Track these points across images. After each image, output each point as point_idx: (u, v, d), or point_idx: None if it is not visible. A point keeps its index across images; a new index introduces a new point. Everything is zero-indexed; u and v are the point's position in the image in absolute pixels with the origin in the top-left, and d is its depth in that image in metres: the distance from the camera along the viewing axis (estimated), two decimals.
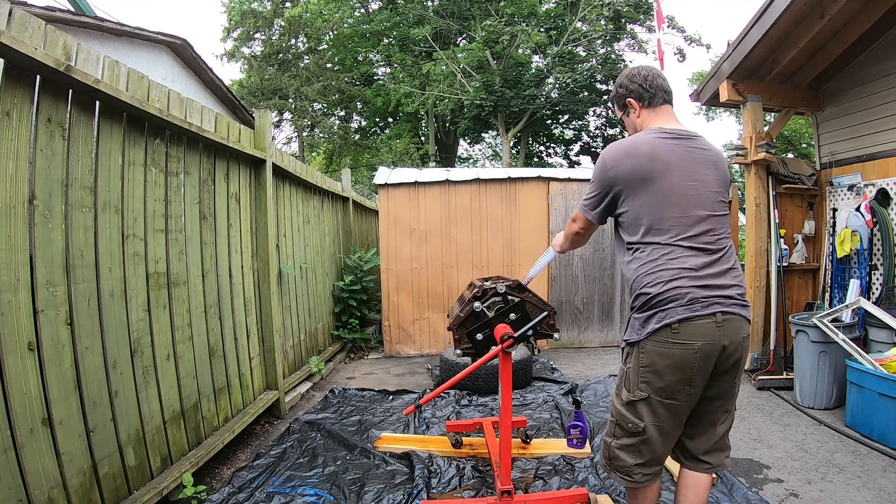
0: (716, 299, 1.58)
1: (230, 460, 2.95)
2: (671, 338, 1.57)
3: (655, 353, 1.60)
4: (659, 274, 1.61)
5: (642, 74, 1.83)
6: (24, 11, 1.64)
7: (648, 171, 1.66)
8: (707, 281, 1.59)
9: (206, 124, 2.80)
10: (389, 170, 6.15)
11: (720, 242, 1.66)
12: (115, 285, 2.12)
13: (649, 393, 1.63)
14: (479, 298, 2.37)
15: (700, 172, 1.69)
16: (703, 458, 1.75)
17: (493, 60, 15.31)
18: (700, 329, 1.56)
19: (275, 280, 3.70)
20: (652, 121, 1.82)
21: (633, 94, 1.84)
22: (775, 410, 3.67)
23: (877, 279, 4.11)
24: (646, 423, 1.65)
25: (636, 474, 1.69)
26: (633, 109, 1.85)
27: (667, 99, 1.83)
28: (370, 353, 5.90)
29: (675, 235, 1.63)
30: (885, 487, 2.50)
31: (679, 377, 1.59)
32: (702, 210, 1.65)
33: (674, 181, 1.65)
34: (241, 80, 17.84)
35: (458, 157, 21.44)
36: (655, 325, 1.59)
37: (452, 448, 2.95)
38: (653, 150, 1.68)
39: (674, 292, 1.57)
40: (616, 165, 1.70)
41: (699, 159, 1.71)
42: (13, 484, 1.59)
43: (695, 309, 1.56)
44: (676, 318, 1.56)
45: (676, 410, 1.65)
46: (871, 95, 4.23)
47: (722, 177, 1.75)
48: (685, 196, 1.64)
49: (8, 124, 1.63)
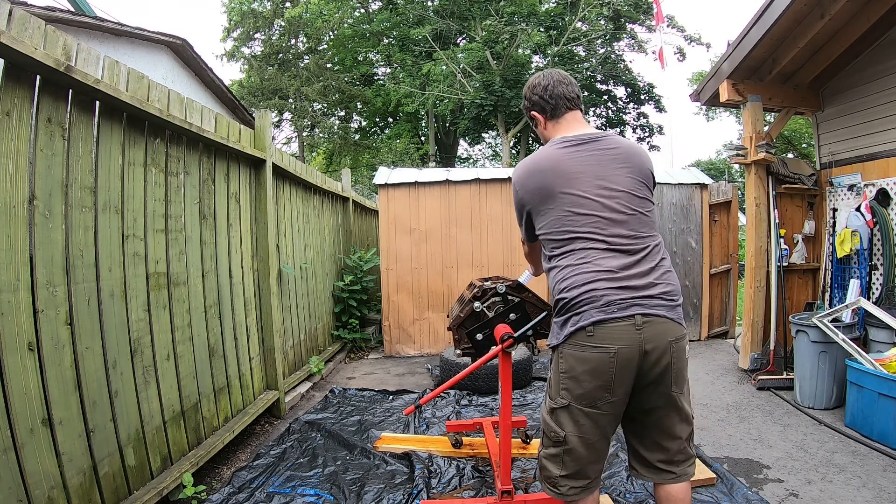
0: (635, 300, 1.51)
1: (230, 460, 2.95)
2: (586, 341, 1.52)
3: (572, 357, 1.55)
4: (575, 278, 1.56)
5: (542, 84, 1.78)
6: (24, 11, 1.64)
7: (552, 185, 1.63)
8: (626, 282, 1.52)
9: (206, 124, 2.80)
10: (389, 170, 6.16)
11: (641, 241, 1.60)
12: (115, 285, 2.12)
13: (569, 400, 1.57)
14: (479, 298, 2.37)
15: (609, 173, 1.63)
16: (666, 468, 1.65)
17: (493, 60, 15.31)
18: (616, 332, 1.49)
19: (275, 280, 3.70)
20: (556, 131, 1.78)
21: (536, 107, 1.80)
22: (775, 410, 3.67)
23: (877, 279, 4.11)
24: (566, 432, 1.58)
25: (562, 486, 1.62)
26: (539, 122, 1.82)
27: (570, 106, 1.77)
28: (370, 353, 5.90)
29: (590, 241, 1.58)
30: (885, 487, 2.50)
31: (597, 383, 1.52)
32: (615, 213, 1.60)
33: (579, 188, 1.61)
34: (241, 80, 17.83)
35: (458, 157, 21.44)
36: (570, 329, 1.55)
37: (452, 448, 2.95)
38: (553, 163, 1.65)
39: (589, 295, 1.52)
40: (523, 186, 1.71)
41: (607, 160, 1.65)
42: (13, 484, 1.59)
43: (610, 311, 1.50)
44: (591, 321, 1.50)
45: (598, 420, 1.56)
46: (870, 95, 4.23)
47: (637, 172, 1.67)
48: (594, 202, 1.60)
49: (8, 124, 1.63)
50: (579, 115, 1.79)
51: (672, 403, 1.60)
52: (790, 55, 4.14)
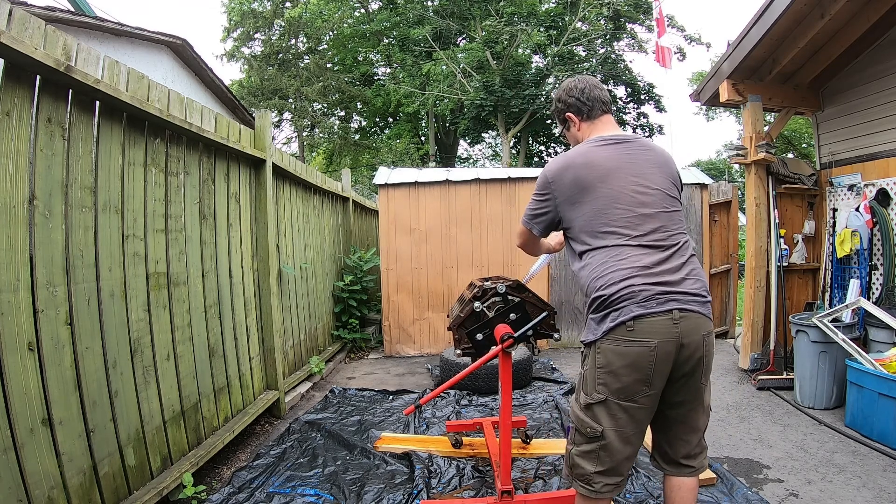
0: (672, 296, 1.55)
1: (230, 460, 2.95)
2: (627, 336, 1.55)
3: (611, 352, 1.57)
4: (611, 275, 1.59)
5: (579, 87, 1.85)
6: (24, 11, 1.64)
7: (588, 180, 1.67)
8: (662, 278, 1.56)
9: (206, 124, 2.80)
10: (389, 170, 6.16)
11: (672, 238, 1.65)
12: (115, 285, 2.12)
13: (606, 395, 1.59)
14: (479, 298, 2.37)
15: (643, 172, 1.69)
16: (685, 462, 1.71)
17: (493, 60, 15.31)
18: (656, 326, 1.53)
19: (275, 280, 3.70)
20: (591, 132, 1.84)
21: (572, 109, 1.86)
22: (775, 410, 3.67)
23: (877, 279, 4.11)
24: (604, 426, 1.60)
25: (597, 483, 1.63)
26: (573, 123, 1.88)
27: (605, 109, 1.85)
28: (370, 353, 5.90)
29: (624, 237, 1.62)
30: (885, 487, 2.50)
31: (636, 377, 1.56)
32: (649, 208, 1.65)
33: (615, 184, 1.65)
34: (241, 81, 17.83)
35: (458, 157, 21.43)
36: (610, 324, 1.57)
37: (452, 448, 2.95)
38: (590, 159, 1.70)
39: (627, 291, 1.55)
40: (558, 178, 1.72)
41: (641, 160, 1.71)
42: (13, 484, 1.59)
43: (650, 306, 1.53)
44: (631, 316, 1.53)
45: (636, 414, 1.59)
46: (871, 95, 4.23)
47: (668, 174, 1.74)
48: (630, 197, 1.65)
49: (8, 124, 1.63)
50: (612, 119, 1.87)
51: (699, 396, 1.67)
52: (790, 55, 4.14)
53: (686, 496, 1.71)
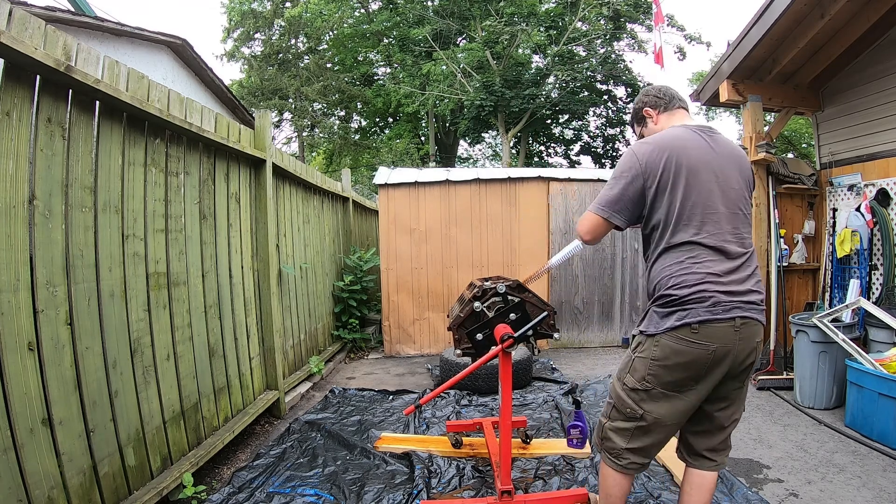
0: (737, 304, 1.60)
1: (230, 460, 2.95)
2: (689, 336, 1.59)
3: (671, 348, 1.62)
4: (685, 277, 1.62)
5: (655, 87, 1.94)
6: (24, 11, 1.64)
7: (683, 165, 1.63)
8: (730, 287, 1.61)
9: (206, 124, 2.80)
10: (389, 170, 6.15)
11: (744, 244, 1.68)
12: (115, 285, 2.12)
13: (654, 385, 1.65)
14: (479, 298, 2.37)
15: (726, 169, 1.68)
16: (708, 455, 1.77)
17: (493, 60, 15.31)
18: (718, 332, 1.58)
19: (275, 280, 3.70)
20: (672, 121, 1.84)
21: (649, 104, 1.91)
22: (775, 410, 3.67)
23: (877, 279, 4.11)
24: (644, 411, 1.67)
25: (625, 458, 1.71)
26: (650, 117, 1.91)
27: (682, 105, 1.89)
28: (370, 353, 5.90)
29: (704, 234, 1.62)
30: (885, 487, 2.50)
31: (688, 375, 1.62)
32: (727, 208, 1.66)
33: (705, 178, 1.64)
34: (241, 80, 17.83)
35: (458, 157, 21.43)
36: (676, 323, 1.61)
37: (452, 448, 2.95)
38: (687, 144, 1.67)
39: (698, 295, 1.59)
40: (650, 161, 1.66)
41: (724, 155, 1.70)
42: (13, 484, 1.59)
43: (716, 312, 1.58)
44: (697, 319, 1.58)
45: (678, 406, 1.66)
46: (870, 95, 4.23)
47: (746, 175, 1.75)
48: (714, 194, 1.64)
49: (8, 124, 1.63)
50: (689, 115, 1.90)
51: (740, 396, 1.75)
52: (790, 55, 4.14)
53: (705, 496, 1.75)
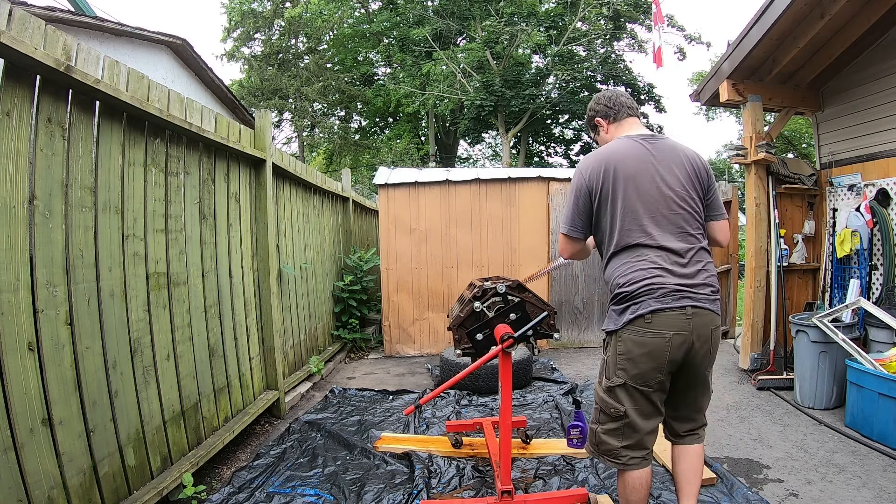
0: (686, 294, 1.72)
1: (230, 460, 2.95)
2: (645, 327, 1.72)
3: (631, 341, 1.74)
4: (634, 274, 1.76)
5: (606, 96, 2.05)
6: (24, 11, 1.64)
7: (623, 174, 1.79)
8: (679, 280, 1.74)
9: (206, 124, 2.80)
10: (389, 170, 6.15)
11: (689, 241, 1.80)
12: (115, 285, 2.12)
13: (625, 379, 1.76)
14: (479, 298, 2.37)
15: (668, 174, 1.81)
16: (686, 434, 1.95)
17: (493, 60, 15.31)
18: (670, 320, 1.70)
19: (275, 280, 3.70)
20: (619, 132, 2.00)
21: (600, 114, 2.04)
22: (775, 410, 3.67)
23: (877, 279, 4.11)
24: (626, 407, 1.78)
25: (624, 456, 1.81)
26: (602, 127, 2.05)
27: (631, 113, 2.01)
28: (370, 353, 5.90)
29: (646, 236, 1.77)
30: (885, 487, 2.50)
31: (652, 365, 1.73)
32: (669, 209, 1.79)
33: (644, 183, 1.79)
34: (241, 81, 17.83)
35: (458, 157, 21.43)
36: (630, 316, 1.74)
37: (452, 448, 2.95)
38: (627, 154, 1.83)
39: (647, 287, 1.73)
40: (593, 174, 1.84)
41: (666, 159, 1.83)
42: (13, 484, 1.59)
43: (666, 301, 1.71)
44: (649, 310, 1.71)
45: (650, 397, 1.78)
46: (870, 95, 4.23)
47: (693, 174, 1.86)
48: (655, 197, 1.78)
49: (8, 124, 1.63)
50: (639, 121, 2.03)
51: (705, 382, 1.89)
52: (790, 55, 4.13)
53: (694, 460, 1.93)
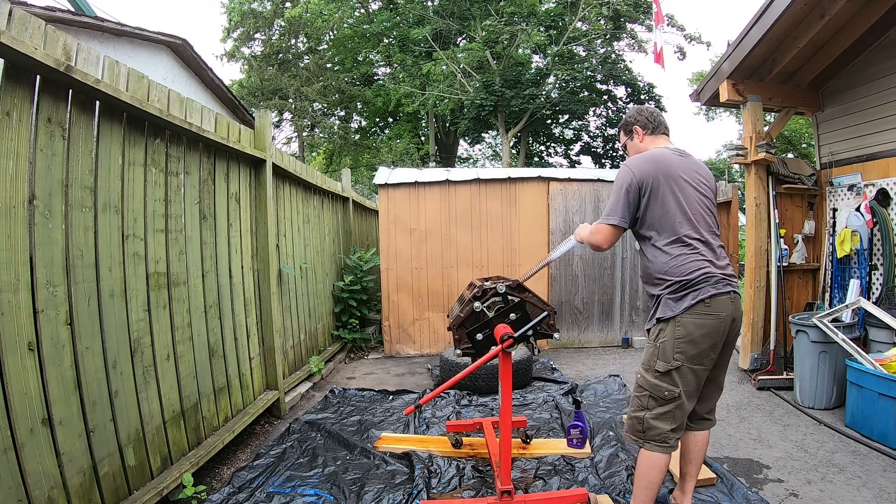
0: (727, 281, 2.00)
1: (230, 460, 2.95)
2: (704, 311, 1.94)
3: (692, 324, 1.94)
4: (692, 264, 1.98)
5: (649, 111, 2.32)
6: (24, 11, 1.64)
7: (668, 177, 2.03)
8: (720, 270, 2.01)
9: (206, 124, 2.80)
10: (389, 170, 6.15)
11: (718, 238, 2.11)
12: (115, 285, 2.12)
13: (683, 361, 1.95)
14: (479, 298, 2.37)
15: (699, 182, 2.10)
16: (707, 416, 2.18)
17: (493, 60, 15.31)
18: (723, 303, 1.97)
19: (275, 280, 3.70)
20: (654, 143, 2.24)
21: (640, 123, 2.29)
22: (775, 410, 3.67)
23: (877, 279, 4.11)
24: (680, 389, 1.96)
25: (671, 439, 1.99)
26: (637, 135, 2.29)
27: (664, 131, 2.28)
28: (370, 353, 5.90)
29: (695, 232, 2.02)
30: (885, 487, 2.50)
31: (710, 343, 1.95)
32: (705, 212, 2.08)
33: (685, 187, 2.04)
34: (241, 81, 17.81)
35: (458, 157, 21.43)
36: (692, 301, 1.95)
37: (452, 448, 2.95)
38: (671, 162, 2.07)
39: (705, 276, 1.96)
40: (643, 172, 2.04)
41: (696, 170, 2.12)
42: (13, 484, 1.59)
43: (719, 287, 1.96)
44: (708, 294, 1.94)
45: (700, 375, 1.99)
46: (870, 95, 4.23)
47: (712, 185, 2.18)
48: (693, 199, 2.05)
49: (8, 124, 1.63)
50: (669, 139, 2.30)
51: (728, 359, 2.14)
52: (790, 55, 4.13)
53: (701, 448, 2.18)
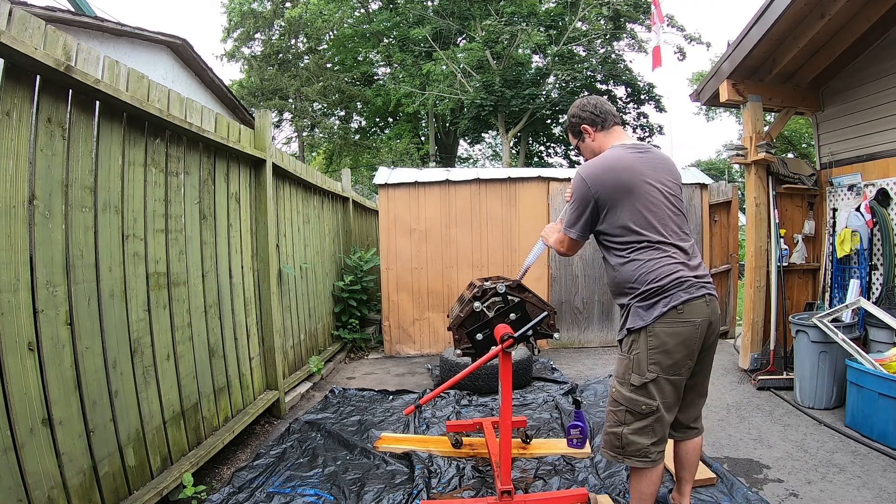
0: (701, 284, 1.86)
1: (230, 460, 2.95)
2: (677, 318, 1.80)
3: (665, 333, 1.81)
4: (662, 269, 1.83)
5: (591, 103, 2.10)
6: (24, 11, 1.64)
7: (629, 182, 1.88)
8: (693, 273, 1.87)
9: (206, 124, 2.80)
10: (389, 170, 6.15)
11: (688, 238, 1.96)
12: (115, 285, 2.12)
13: (658, 373, 1.82)
14: (479, 298, 2.37)
15: (663, 179, 1.94)
16: (693, 425, 2.07)
17: (493, 60, 15.31)
18: (698, 308, 1.83)
19: (275, 280, 3.70)
20: (608, 140, 2.07)
21: (587, 121, 2.09)
22: (775, 410, 3.67)
23: (877, 279, 4.11)
24: (657, 402, 1.83)
25: (653, 453, 1.86)
26: (588, 134, 2.11)
27: (616, 121, 2.10)
28: (370, 353, 5.90)
29: (662, 236, 1.87)
30: (885, 487, 2.50)
31: (686, 352, 1.82)
32: (672, 212, 1.93)
33: (649, 189, 1.89)
34: (241, 81, 17.81)
35: (458, 157, 21.42)
36: (663, 309, 1.80)
37: (452, 448, 2.95)
38: (628, 163, 1.91)
39: (677, 280, 1.82)
40: (598, 181, 1.90)
41: (659, 168, 1.96)
42: (13, 484, 1.59)
43: (692, 292, 1.82)
44: (681, 300, 1.80)
45: (678, 385, 1.87)
46: (870, 95, 4.23)
47: (677, 180, 2.02)
48: (659, 201, 1.90)
49: (8, 124, 1.63)
50: (622, 129, 2.11)
51: (710, 366, 2.02)
52: (790, 55, 4.13)
53: (694, 454, 2.08)
